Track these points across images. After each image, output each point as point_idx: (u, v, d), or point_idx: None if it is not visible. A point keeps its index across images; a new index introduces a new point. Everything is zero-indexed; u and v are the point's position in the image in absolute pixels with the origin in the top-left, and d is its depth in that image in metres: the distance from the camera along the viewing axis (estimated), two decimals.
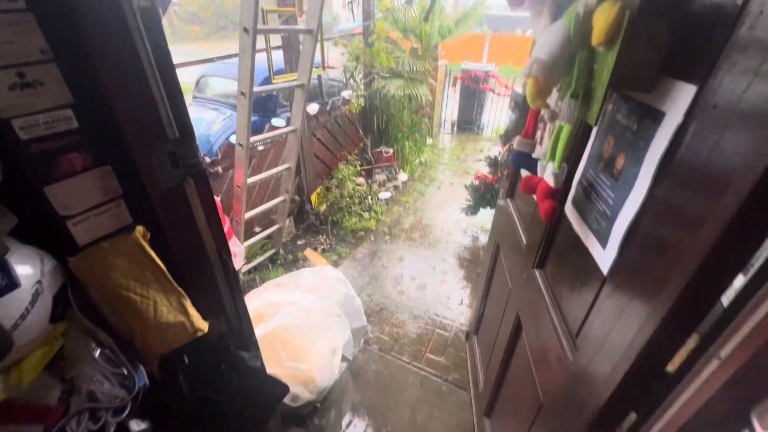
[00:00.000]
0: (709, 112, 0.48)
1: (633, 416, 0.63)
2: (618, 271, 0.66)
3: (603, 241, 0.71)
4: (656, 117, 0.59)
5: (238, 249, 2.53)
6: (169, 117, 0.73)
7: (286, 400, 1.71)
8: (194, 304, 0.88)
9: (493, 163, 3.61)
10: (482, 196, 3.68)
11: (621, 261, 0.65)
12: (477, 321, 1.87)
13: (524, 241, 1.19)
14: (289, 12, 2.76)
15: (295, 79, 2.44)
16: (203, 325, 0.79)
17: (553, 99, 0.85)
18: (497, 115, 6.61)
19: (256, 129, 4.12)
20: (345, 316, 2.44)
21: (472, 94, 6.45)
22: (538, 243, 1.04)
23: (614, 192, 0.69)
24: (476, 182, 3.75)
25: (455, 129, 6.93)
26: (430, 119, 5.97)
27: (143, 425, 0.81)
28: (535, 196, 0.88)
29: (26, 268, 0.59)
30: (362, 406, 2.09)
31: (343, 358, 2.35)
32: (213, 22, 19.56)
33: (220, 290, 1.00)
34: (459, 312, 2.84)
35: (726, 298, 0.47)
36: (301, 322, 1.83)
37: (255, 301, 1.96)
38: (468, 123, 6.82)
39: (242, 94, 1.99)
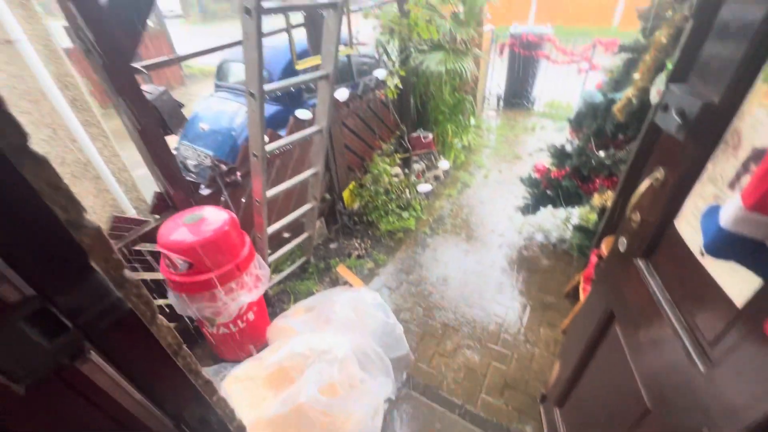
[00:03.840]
0: None
1: None
2: None
3: None
4: None
5: (261, 272, 2.20)
6: None
7: None
8: None
9: (559, 154, 2.97)
10: (543, 193, 3.08)
11: None
12: (563, 393, 1.41)
13: (688, 345, 0.69)
14: None
15: (319, 68, 1.95)
16: None
17: None
18: (552, 86, 5.77)
19: (282, 119, 3.70)
20: (384, 351, 2.07)
21: (524, 62, 5.58)
22: None
23: None
24: (536, 176, 3.15)
25: (501, 104, 6.13)
26: (474, 95, 5.26)
27: None
28: None
29: None
30: None
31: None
32: None
33: None
34: (518, 338, 2.38)
35: None
36: (333, 386, 1.46)
37: (278, 351, 1.61)
38: (517, 97, 5.98)
39: (251, 95, 1.54)
